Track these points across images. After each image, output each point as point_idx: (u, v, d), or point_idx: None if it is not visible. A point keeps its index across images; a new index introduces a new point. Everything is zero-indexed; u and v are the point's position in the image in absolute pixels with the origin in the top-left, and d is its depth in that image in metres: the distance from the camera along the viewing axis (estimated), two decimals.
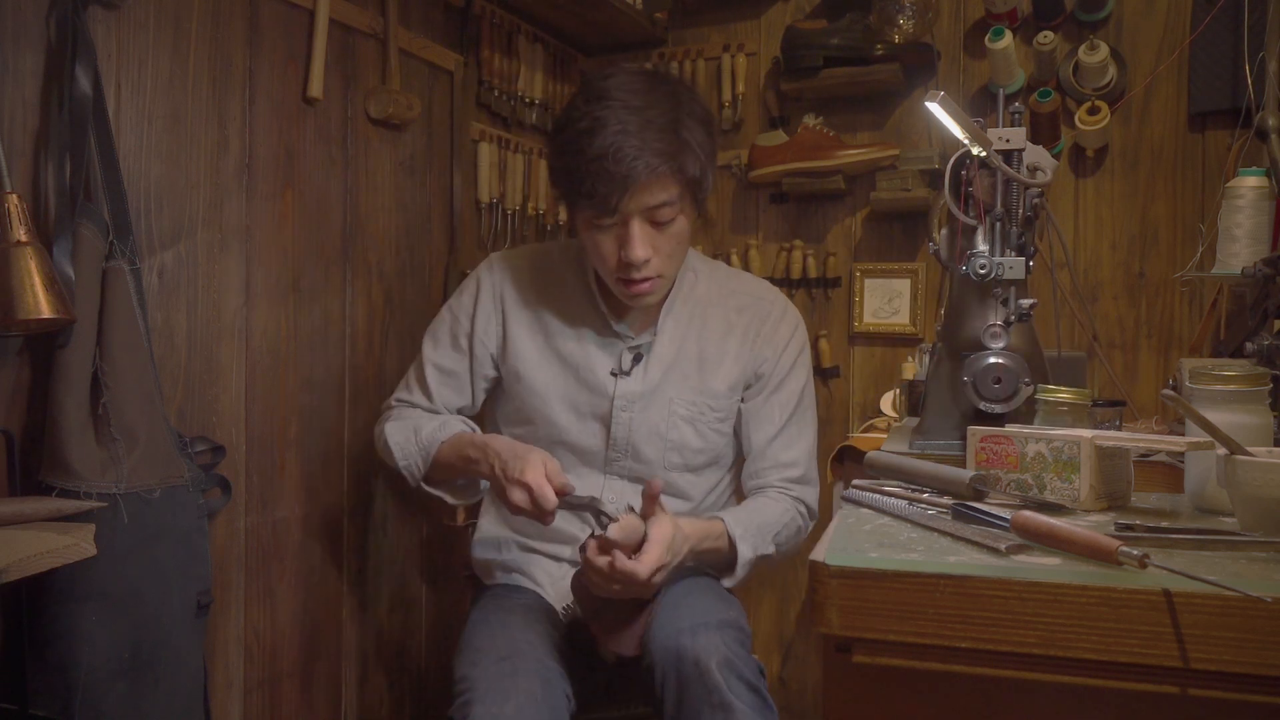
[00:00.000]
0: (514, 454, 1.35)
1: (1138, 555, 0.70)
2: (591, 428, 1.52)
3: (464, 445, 1.45)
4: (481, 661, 1.30)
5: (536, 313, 1.55)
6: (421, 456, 1.48)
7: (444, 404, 1.56)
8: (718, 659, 1.24)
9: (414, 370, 1.59)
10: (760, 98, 2.48)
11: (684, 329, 1.54)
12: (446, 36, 2.09)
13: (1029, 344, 1.33)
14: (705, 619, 1.30)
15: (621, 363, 1.51)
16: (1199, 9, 2.06)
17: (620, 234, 1.38)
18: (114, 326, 1.30)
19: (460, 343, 1.56)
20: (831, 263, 2.41)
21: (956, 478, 1.01)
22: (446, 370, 1.56)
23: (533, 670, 1.28)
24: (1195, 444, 0.93)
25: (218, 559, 1.53)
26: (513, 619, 1.41)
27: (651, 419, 1.51)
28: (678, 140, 1.36)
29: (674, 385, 1.52)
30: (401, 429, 1.51)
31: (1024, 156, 1.28)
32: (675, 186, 1.38)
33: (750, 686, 1.25)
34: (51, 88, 1.27)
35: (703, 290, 1.57)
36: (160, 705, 1.31)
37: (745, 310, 1.57)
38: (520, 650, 1.32)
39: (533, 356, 1.53)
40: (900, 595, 0.73)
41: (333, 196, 1.78)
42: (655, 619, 1.33)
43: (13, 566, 0.99)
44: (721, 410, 1.54)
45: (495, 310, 1.55)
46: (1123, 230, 2.18)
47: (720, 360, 1.54)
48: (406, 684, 1.99)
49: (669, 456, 1.52)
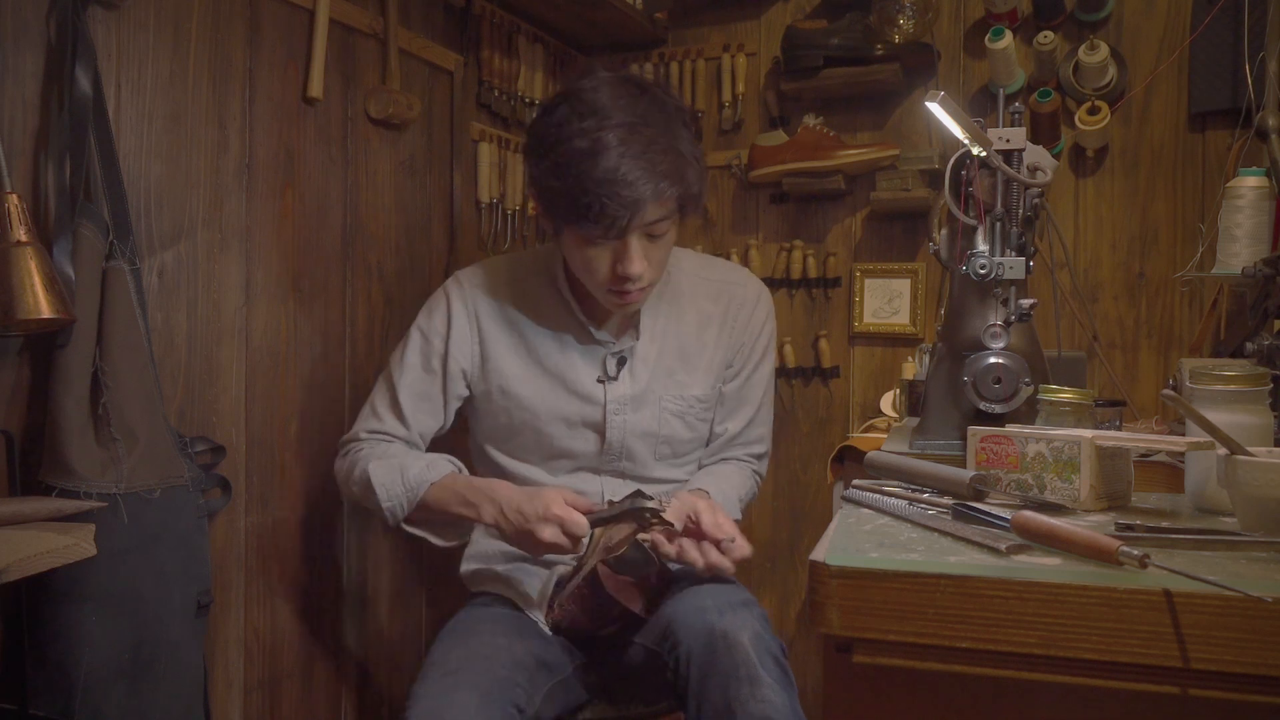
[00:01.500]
0: (529, 497, 1.34)
1: (1138, 555, 0.70)
2: (584, 435, 1.52)
3: (459, 489, 1.42)
4: (429, 676, 1.29)
5: (515, 326, 1.53)
6: (407, 498, 1.43)
7: (419, 429, 1.52)
8: (749, 634, 1.25)
9: (381, 397, 1.53)
10: (760, 98, 2.48)
11: (663, 326, 1.55)
12: (446, 36, 2.09)
13: (1029, 344, 1.33)
14: (730, 599, 1.31)
15: (607, 368, 1.51)
16: (1199, 9, 2.06)
17: (618, 250, 1.37)
18: (114, 326, 1.30)
19: (433, 364, 1.52)
20: (831, 263, 2.41)
21: (957, 478, 1.01)
22: (420, 394, 1.52)
23: (473, 683, 1.26)
24: (1195, 444, 0.93)
25: (218, 559, 1.53)
26: (479, 629, 1.40)
27: (644, 420, 1.52)
28: (680, 158, 1.35)
29: (661, 383, 1.53)
30: (387, 469, 1.45)
31: (1024, 156, 1.28)
32: (675, 202, 1.38)
33: (777, 662, 1.26)
34: (51, 88, 1.27)
35: (677, 283, 1.57)
36: (160, 705, 1.31)
37: (720, 297, 1.58)
38: (468, 664, 1.30)
39: (517, 371, 1.51)
40: (900, 595, 0.73)
41: (333, 196, 1.78)
42: (678, 603, 1.33)
43: (13, 566, 0.99)
44: (708, 400, 1.57)
45: (470, 328, 1.52)
46: (1123, 230, 2.18)
47: (701, 352, 1.56)
48: (406, 684, 1.99)
49: (660, 449, 1.55)
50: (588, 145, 1.31)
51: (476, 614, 1.46)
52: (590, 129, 1.31)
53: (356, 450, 1.52)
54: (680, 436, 1.56)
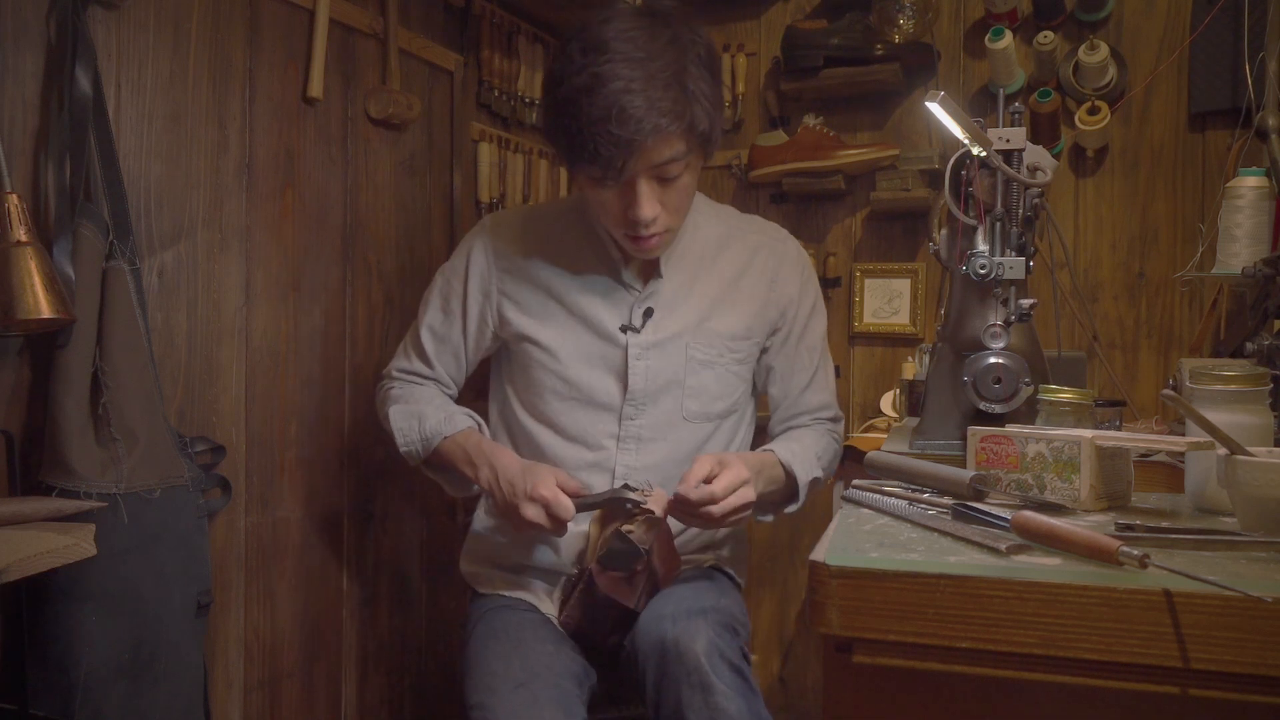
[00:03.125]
0: (523, 471, 1.34)
1: (1138, 555, 0.70)
2: (606, 381, 1.45)
3: (468, 448, 1.42)
4: (499, 689, 1.26)
5: (537, 268, 1.48)
6: (423, 445, 1.45)
7: (444, 369, 1.53)
8: (702, 642, 1.22)
9: (410, 337, 1.56)
10: (760, 98, 2.48)
11: (692, 273, 1.48)
12: (446, 36, 2.09)
13: (1029, 344, 1.33)
14: (690, 605, 1.29)
15: (632, 318, 1.45)
16: (1199, 9, 2.06)
17: (626, 194, 1.32)
18: (114, 326, 1.30)
19: (452, 306, 1.51)
20: (831, 263, 2.41)
21: (957, 478, 1.01)
22: (440, 336, 1.52)
23: (553, 699, 1.25)
24: (1195, 444, 0.93)
25: (218, 559, 1.53)
26: (524, 636, 1.37)
27: (670, 366, 1.45)
28: (685, 95, 1.28)
29: (689, 330, 1.46)
30: (405, 414, 1.47)
31: (1024, 156, 1.28)
32: (683, 143, 1.30)
33: (734, 668, 1.23)
34: (51, 88, 1.27)
35: (707, 232, 1.51)
36: (160, 705, 1.31)
37: (760, 250, 1.52)
38: (537, 674, 1.28)
39: (538, 313, 1.47)
40: (901, 595, 0.73)
41: (333, 196, 1.78)
42: (646, 610, 1.32)
43: (13, 566, 0.99)
44: (740, 352, 1.49)
45: (490, 270, 1.49)
46: (1123, 230, 2.18)
47: (735, 301, 1.49)
48: (406, 684, 1.99)
49: (687, 404, 1.46)
50: (585, 81, 1.25)
51: (508, 619, 1.42)
52: (590, 64, 1.26)
53: (388, 388, 1.54)
54: (709, 389, 1.47)
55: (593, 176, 1.31)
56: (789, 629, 2.45)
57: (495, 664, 1.32)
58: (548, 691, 1.25)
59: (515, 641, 1.36)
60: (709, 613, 1.28)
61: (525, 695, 1.24)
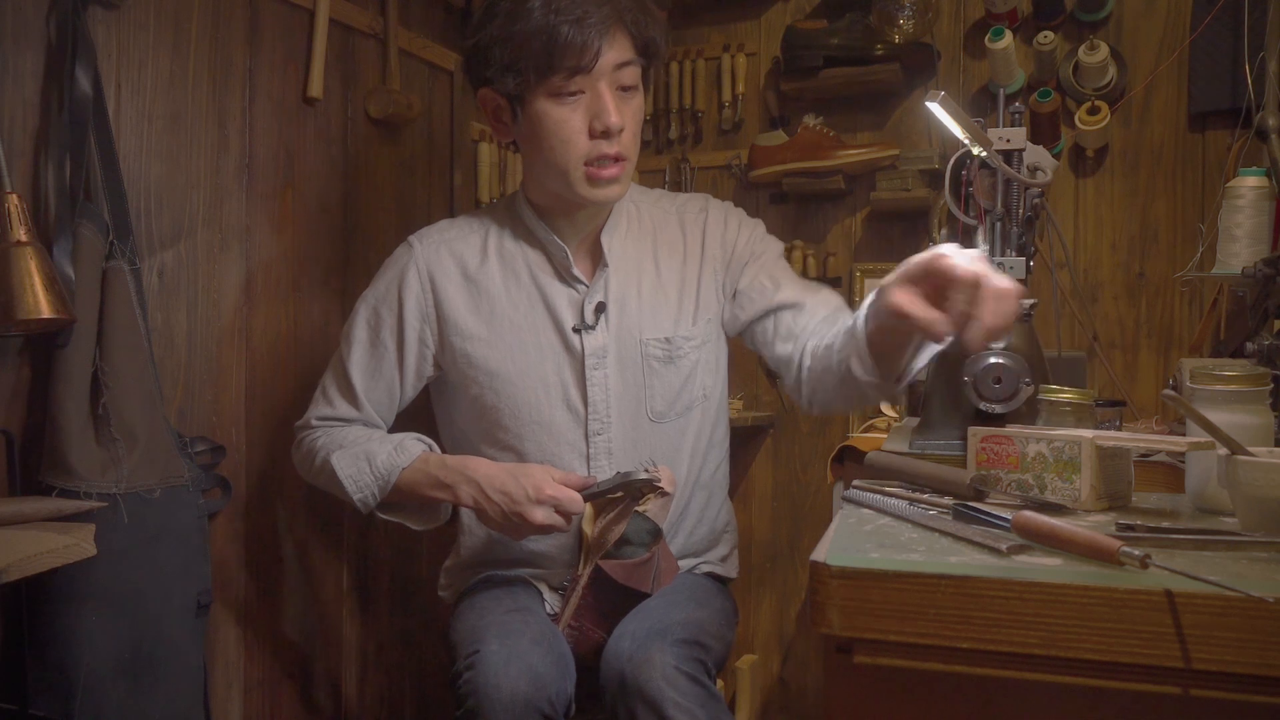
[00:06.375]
0: (512, 476, 1.28)
1: (1139, 555, 0.70)
2: (568, 395, 1.40)
3: (431, 471, 1.34)
4: (491, 611, 1.30)
5: (476, 285, 1.42)
6: (379, 486, 1.35)
7: (376, 410, 1.43)
8: (657, 667, 1.17)
9: (331, 381, 1.45)
10: (760, 98, 2.48)
11: (636, 262, 1.45)
12: (446, 36, 2.09)
13: (1029, 344, 1.33)
14: (651, 625, 1.24)
15: (584, 316, 1.40)
16: (1199, 9, 2.05)
17: (591, 103, 1.31)
18: (114, 326, 1.30)
19: (382, 337, 1.42)
20: (832, 263, 2.41)
21: (957, 478, 1.01)
22: (370, 370, 1.42)
23: (540, 624, 1.28)
24: (1196, 444, 0.93)
25: (218, 559, 1.53)
26: (514, 590, 1.40)
27: (628, 371, 1.41)
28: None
29: (643, 324, 1.42)
30: (349, 458, 1.36)
31: (1024, 156, 1.28)
32: (633, 50, 1.32)
33: (694, 680, 1.18)
34: (51, 88, 1.27)
35: (645, 219, 1.49)
36: (160, 705, 1.32)
37: (685, 218, 1.49)
38: (527, 608, 1.33)
39: (481, 334, 1.40)
40: (901, 595, 0.73)
41: (333, 196, 1.78)
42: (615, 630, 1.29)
43: (13, 566, 0.99)
44: (697, 337, 1.44)
45: (425, 292, 1.41)
46: (1123, 230, 2.18)
47: (682, 284, 1.45)
48: (406, 684, 1.99)
49: (652, 405, 1.42)
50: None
51: (499, 580, 1.44)
52: None
53: (312, 440, 1.42)
54: (671, 386, 1.42)
55: (558, 87, 1.29)
56: (789, 629, 2.45)
57: (485, 602, 1.35)
58: (538, 620, 1.28)
59: (505, 592, 1.39)
60: (672, 629, 1.23)
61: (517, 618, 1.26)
